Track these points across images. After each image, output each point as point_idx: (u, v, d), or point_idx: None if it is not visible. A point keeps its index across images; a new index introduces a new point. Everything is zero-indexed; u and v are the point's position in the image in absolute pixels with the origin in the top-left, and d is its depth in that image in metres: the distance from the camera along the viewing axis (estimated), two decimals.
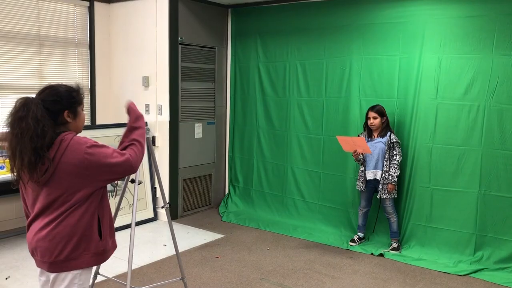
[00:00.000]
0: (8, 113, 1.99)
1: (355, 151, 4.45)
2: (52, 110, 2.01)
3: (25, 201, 2.13)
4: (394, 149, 4.45)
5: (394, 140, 4.46)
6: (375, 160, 4.53)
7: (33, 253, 2.12)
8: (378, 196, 4.53)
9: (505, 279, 3.95)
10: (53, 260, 2.03)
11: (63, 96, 2.06)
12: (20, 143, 1.92)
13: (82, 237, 2.05)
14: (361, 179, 4.63)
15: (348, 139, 4.49)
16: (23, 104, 1.96)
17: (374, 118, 4.48)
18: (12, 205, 4.86)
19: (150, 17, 5.46)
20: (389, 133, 4.49)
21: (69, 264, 2.04)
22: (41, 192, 2.02)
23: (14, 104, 1.99)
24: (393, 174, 4.42)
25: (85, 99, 2.25)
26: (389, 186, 4.44)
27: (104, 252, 2.16)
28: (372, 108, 4.52)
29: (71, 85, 2.14)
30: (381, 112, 4.49)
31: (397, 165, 4.44)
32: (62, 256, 2.02)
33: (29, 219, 2.10)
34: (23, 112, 1.94)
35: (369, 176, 4.58)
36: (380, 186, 4.49)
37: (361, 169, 4.65)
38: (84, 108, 2.21)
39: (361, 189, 4.64)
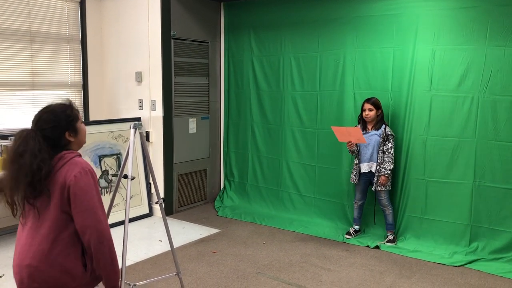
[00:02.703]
0: (9, 148, 2.00)
1: (349, 142, 4.46)
2: (53, 137, 2.02)
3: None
4: (389, 141, 4.45)
5: (389, 133, 4.47)
6: (370, 152, 4.53)
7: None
8: (373, 189, 4.53)
9: (500, 269, 3.97)
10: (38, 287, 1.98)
11: (61, 118, 2.04)
12: (15, 179, 1.94)
13: (62, 270, 1.97)
14: (355, 172, 4.63)
15: (343, 129, 4.49)
16: (23, 139, 1.96)
17: (370, 110, 4.48)
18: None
19: (142, 11, 5.42)
20: (383, 126, 4.50)
21: None
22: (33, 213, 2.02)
23: (14, 138, 2.00)
24: (386, 167, 4.43)
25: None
26: (382, 178, 4.44)
27: (96, 278, 2.08)
28: (368, 100, 4.52)
29: (63, 102, 2.11)
30: (376, 104, 4.49)
31: (392, 158, 4.44)
32: (49, 285, 1.97)
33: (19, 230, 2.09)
34: (23, 147, 1.95)
35: (364, 168, 4.58)
36: (375, 179, 4.49)
37: (355, 162, 4.65)
38: (82, 121, 2.18)
39: (354, 182, 4.65)
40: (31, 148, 1.94)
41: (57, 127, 2.03)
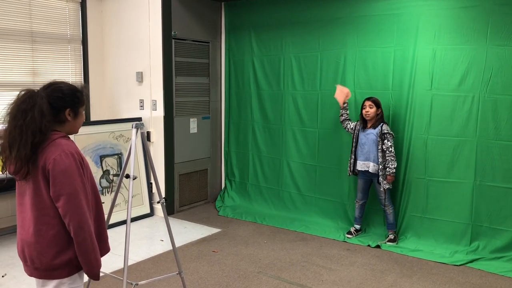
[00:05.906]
0: (10, 103, 1.94)
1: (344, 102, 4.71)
2: (55, 107, 1.97)
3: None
4: (387, 140, 4.44)
5: (386, 131, 4.46)
6: (366, 150, 4.54)
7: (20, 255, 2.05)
8: (381, 189, 4.51)
9: (500, 268, 3.98)
10: (36, 267, 1.97)
11: (68, 94, 2.02)
12: (22, 136, 1.87)
13: (61, 248, 1.95)
14: (349, 164, 4.70)
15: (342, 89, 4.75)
16: (29, 96, 1.92)
17: (370, 107, 4.49)
18: (7, 203, 4.84)
19: (143, 12, 5.43)
20: (381, 124, 4.50)
21: (51, 273, 1.97)
22: (25, 189, 1.98)
23: (17, 95, 1.94)
24: (391, 166, 4.43)
25: None
26: (388, 177, 4.45)
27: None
28: (368, 98, 4.54)
29: (76, 84, 2.10)
30: (377, 103, 4.50)
31: (393, 156, 4.44)
32: (42, 265, 1.96)
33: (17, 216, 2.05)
34: (28, 104, 1.89)
35: (360, 166, 4.60)
36: (380, 178, 4.49)
37: (351, 156, 4.69)
38: (84, 110, 2.16)
39: (349, 174, 4.72)
40: (39, 106, 1.89)
41: (63, 99, 1.99)
